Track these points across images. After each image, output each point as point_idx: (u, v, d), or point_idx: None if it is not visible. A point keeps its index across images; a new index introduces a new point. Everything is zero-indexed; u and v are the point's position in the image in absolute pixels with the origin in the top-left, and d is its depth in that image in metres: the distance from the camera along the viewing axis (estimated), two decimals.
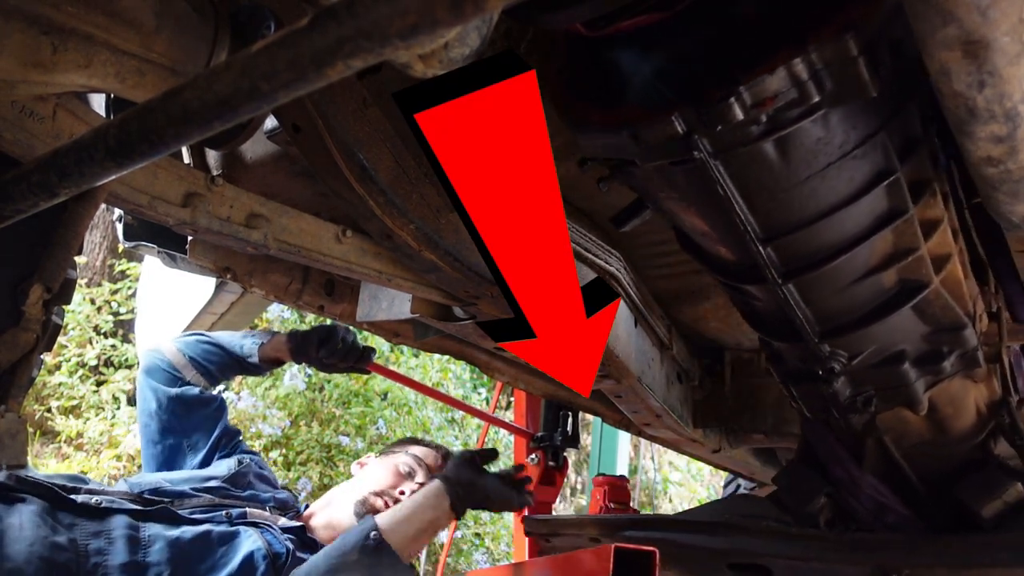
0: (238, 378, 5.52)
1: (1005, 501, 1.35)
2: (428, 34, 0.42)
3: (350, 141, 1.07)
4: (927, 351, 1.21)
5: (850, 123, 0.86)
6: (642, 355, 1.84)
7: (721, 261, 1.14)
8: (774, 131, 0.83)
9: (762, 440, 2.35)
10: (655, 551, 1.30)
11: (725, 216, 0.96)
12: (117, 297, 5.24)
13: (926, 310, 1.14)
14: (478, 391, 7.36)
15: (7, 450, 0.83)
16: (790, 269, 1.04)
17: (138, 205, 1.04)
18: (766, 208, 0.95)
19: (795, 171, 0.89)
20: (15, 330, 0.90)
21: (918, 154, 0.97)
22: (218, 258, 1.53)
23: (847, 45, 0.76)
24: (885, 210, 0.98)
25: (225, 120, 0.53)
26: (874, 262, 1.05)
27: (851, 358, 1.19)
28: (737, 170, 0.89)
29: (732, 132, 0.83)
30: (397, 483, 1.92)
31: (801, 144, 0.86)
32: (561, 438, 3.13)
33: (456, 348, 2.01)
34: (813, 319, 1.13)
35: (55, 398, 4.69)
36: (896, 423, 1.38)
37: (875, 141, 0.90)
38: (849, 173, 0.92)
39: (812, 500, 1.51)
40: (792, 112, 0.81)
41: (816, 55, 0.76)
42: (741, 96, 0.78)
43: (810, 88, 0.78)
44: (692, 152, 0.84)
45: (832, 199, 0.94)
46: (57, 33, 0.76)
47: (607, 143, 0.91)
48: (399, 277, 1.39)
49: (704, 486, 9.46)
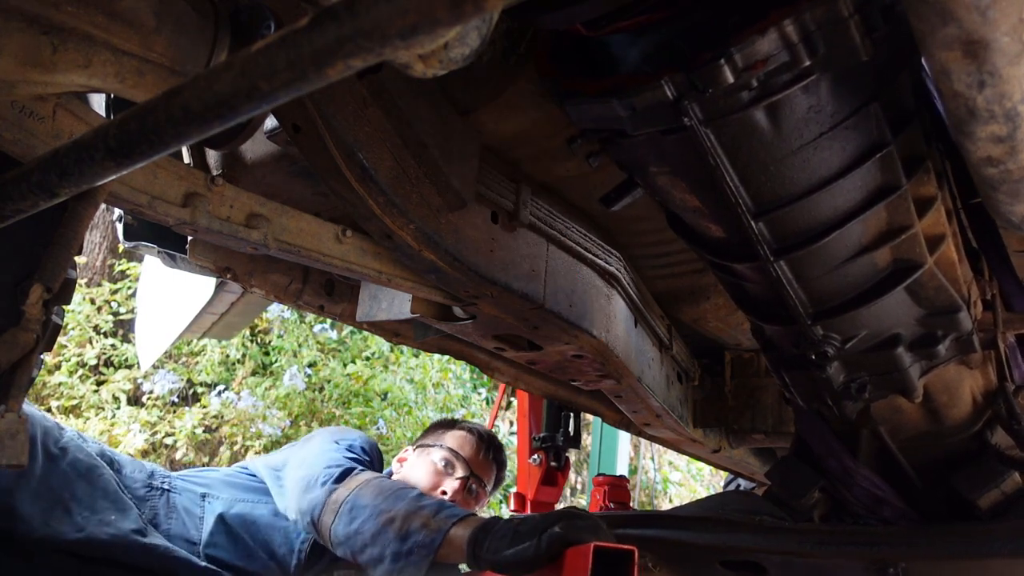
0: (238, 378, 5.54)
1: (1003, 491, 1.34)
2: (428, 34, 0.42)
3: (350, 141, 1.07)
4: (922, 334, 1.20)
5: (842, 91, 0.85)
6: (642, 355, 1.84)
7: (712, 239, 1.12)
8: (765, 96, 0.82)
9: (762, 440, 2.35)
10: (634, 550, 1.29)
11: (716, 189, 0.95)
12: (117, 297, 5.25)
13: (920, 292, 1.13)
14: (478, 391, 7.36)
15: (7, 450, 0.83)
16: (782, 246, 1.02)
17: (138, 205, 1.04)
18: (757, 180, 0.93)
19: (787, 141, 0.88)
20: (15, 330, 0.89)
21: (911, 128, 0.96)
22: (218, 258, 1.52)
23: (839, 5, 0.75)
24: (878, 184, 0.97)
25: (225, 120, 0.53)
26: (867, 239, 1.03)
27: (844, 342, 1.17)
28: (728, 139, 0.88)
29: (723, 98, 0.82)
30: (437, 482, 1.99)
31: (792, 112, 0.85)
32: (563, 439, 3.14)
33: (456, 348, 2.01)
34: (806, 299, 1.12)
35: (55, 398, 4.69)
36: (891, 413, 1.36)
37: (867, 111, 0.89)
38: (841, 144, 0.90)
39: (806, 493, 1.49)
40: (783, 76, 0.80)
41: (808, 15, 0.75)
42: (732, 58, 0.77)
43: (801, 51, 0.78)
44: (682, 118, 0.83)
45: (824, 172, 0.93)
46: (57, 33, 0.76)
47: (596, 113, 0.90)
48: (399, 277, 1.39)
49: (704, 486, 9.46)
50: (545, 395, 2.36)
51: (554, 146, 1.35)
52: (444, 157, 1.20)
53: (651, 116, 0.86)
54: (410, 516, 1.67)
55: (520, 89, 1.19)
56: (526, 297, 1.39)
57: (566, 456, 3.19)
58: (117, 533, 1.61)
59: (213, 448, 5.19)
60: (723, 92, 0.80)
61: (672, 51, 0.84)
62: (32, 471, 1.54)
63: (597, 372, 1.73)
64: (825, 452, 1.47)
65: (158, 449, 4.87)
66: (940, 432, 1.38)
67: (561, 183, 1.50)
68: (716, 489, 9.23)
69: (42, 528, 1.51)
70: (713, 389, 2.35)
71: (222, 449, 5.11)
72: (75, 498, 1.59)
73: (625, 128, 0.90)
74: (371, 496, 1.73)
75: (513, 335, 1.60)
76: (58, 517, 1.54)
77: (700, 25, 0.82)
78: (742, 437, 2.40)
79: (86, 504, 1.60)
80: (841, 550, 1.40)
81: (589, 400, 2.36)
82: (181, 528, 1.81)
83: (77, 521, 1.56)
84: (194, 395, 5.38)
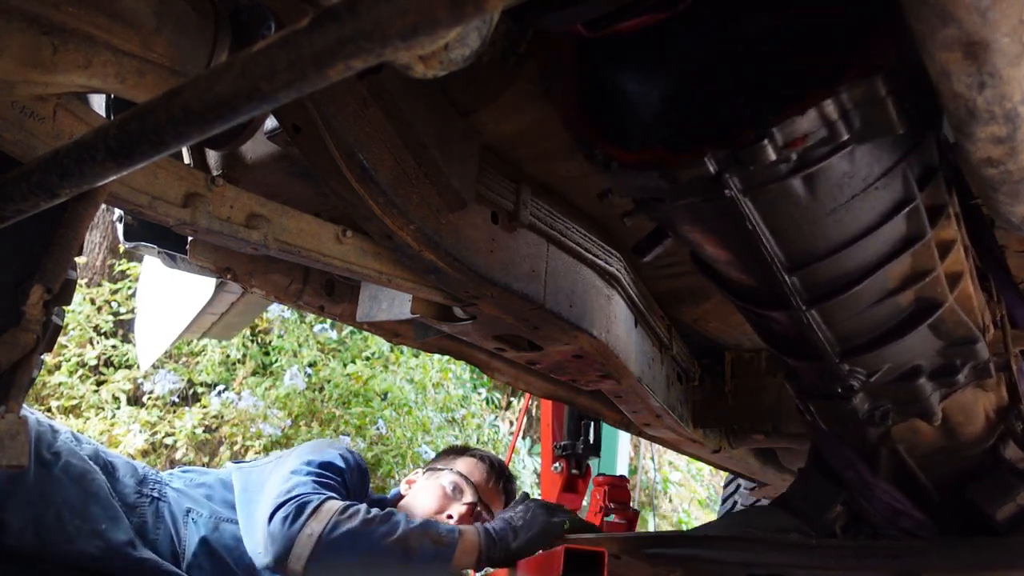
0: (239, 378, 5.54)
1: (1018, 504, 1.37)
2: (428, 34, 0.42)
3: (350, 141, 1.07)
4: (942, 365, 1.24)
5: (874, 156, 0.89)
6: (642, 355, 1.84)
7: (742, 287, 1.16)
8: (803, 168, 0.85)
9: (762, 440, 2.35)
10: (604, 551, 1.32)
11: (751, 247, 0.98)
12: (117, 297, 5.24)
13: (941, 327, 1.17)
14: (478, 391, 7.36)
15: (7, 451, 0.83)
16: (814, 296, 1.06)
17: (138, 205, 1.04)
18: (792, 239, 0.97)
19: (821, 204, 0.92)
20: (15, 330, 0.89)
21: (935, 180, 1.00)
22: (218, 258, 1.52)
23: (876, 86, 0.78)
24: (904, 235, 1.01)
25: (225, 120, 0.53)
26: (893, 284, 1.07)
27: (869, 375, 1.21)
28: (766, 205, 0.91)
29: (763, 170, 0.84)
30: (444, 506, 1.99)
31: (828, 179, 0.88)
32: (583, 446, 3.19)
33: (456, 348, 2.01)
34: (833, 339, 1.15)
35: (55, 398, 4.69)
36: (909, 433, 1.40)
37: (896, 171, 0.92)
38: (872, 203, 0.94)
39: (830, 508, 1.54)
40: (821, 150, 0.83)
41: (846, 96, 0.78)
42: (774, 137, 0.79)
43: (840, 127, 0.80)
44: (723, 191, 0.86)
45: (855, 228, 0.97)
46: (57, 33, 0.76)
47: (637, 183, 0.92)
48: (399, 277, 1.39)
49: (704, 486, 9.46)
50: (545, 395, 2.36)
51: (554, 146, 1.35)
52: (444, 157, 1.20)
53: (692, 188, 0.89)
54: (411, 535, 1.70)
55: (520, 89, 1.19)
56: (526, 297, 1.39)
57: (587, 463, 3.25)
58: (107, 546, 1.59)
59: (213, 448, 5.19)
60: (763, 166, 0.83)
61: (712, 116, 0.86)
62: (24, 480, 1.52)
63: (597, 372, 1.73)
64: (843, 465, 1.51)
65: (158, 449, 4.87)
66: (955, 447, 1.42)
67: (561, 183, 1.50)
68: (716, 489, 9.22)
69: (32, 540, 1.50)
70: (713, 389, 2.35)
71: (222, 449, 5.11)
72: (67, 504, 1.57)
73: (664, 197, 0.93)
74: (359, 523, 1.70)
75: (513, 335, 1.60)
76: (49, 526, 1.53)
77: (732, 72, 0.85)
78: (742, 437, 2.40)
79: (78, 511, 1.59)
80: (864, 563, 1.43)
81: (589, 400, 2.35)
82: (167, 542, 1.78)
83: (68, 530, 1.54)
84: (194, 395, 5.38)
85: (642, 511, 7.32)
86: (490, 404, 7.56)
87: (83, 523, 1.58)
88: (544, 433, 3.50)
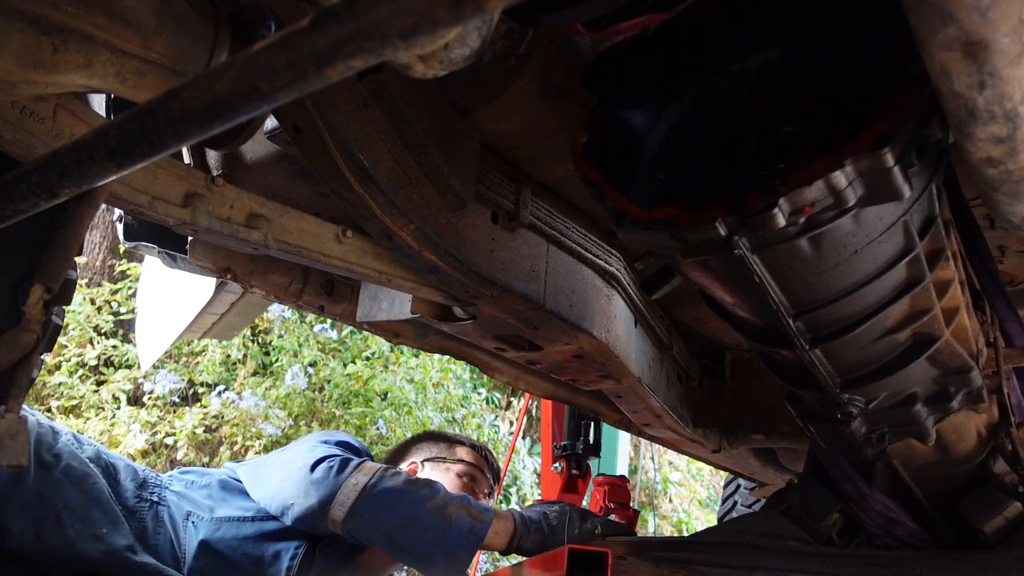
0: (239, 378, 5.54)
1: (1005, 517, 1.43)
2: (428, 34, 0.42)
3: (350, 141, 1.07)
4: (937, 392, 1.29)
5: (878, 215, 0.91)
6: (642, 355, 1.84)
7: (750, 327, 1.21)
8: (810, 230, 0.88)
9: (762, 440, 2.35)
10: (608, 551, 1.33)
11: (757, 295, 1.01)
12: (117, 297, 5.25)
13: (937, 358, 1.22)
14: (478, 391, 7.36)
15: (7, 451, 0.83)
16: (817, 336, 1.10)
17: (138, 205, 1.04)
18: (797, 289, 1.01)
19: (826, 259, 0.95)
20: (15, 331, 0.89)
21: (935, 227, 1.03)
22: (218, 258, 1.53)
23: (883, 158, 0.79)
24: (904, 281, 1.04)
25: (225, 120, 0.53)
26: (892, 324, 1.11)
27: (867, 403, 1.26)
28: (773, 262, 0.95)
29: (771, 234, 0.88)
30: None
31: (833, 238, 0.92)
32: (583, 447, 3.20)
33: (456, 348, 2.01)
34: (834, 372, 1.20)
35: (55, 398, 4.69)
36: (904, 449, 1.47)
37: (898, 225, 0.94)
38: (874, 254, 0.97)
39: (827, 515, 1.60)
40: (828, 214, 0.86)
41: (852, 167, 0.80)
42: (782, 206, 0.82)
43: (847, 195, 0.82)
44: (733, 251, 0.89)
45: (858, 278, 1.00)
46: (57, 33, 0.76)
47: (649, 240, 0.95)
48: (399, 277, 1.39)
49: (704, 486, 9.46)
50: (545, 395, 2.37)
51: (554, 146, 1.35)
52: (444, 157, 1.20)
53: (702, 247, 0.92)
54: (451, 504, 1.74)
55: (520, 89, 1.19)
56: (526, 297, 1.39)
57: (587, 464, 3.25)
58: (108, 550, 1.59)
59: (213, 448, 5.19)
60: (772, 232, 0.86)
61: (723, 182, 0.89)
62: (24, 483, 1.53)
63: (597, 372, 1.73)
64: (841, 476, 1.58)
65: (158, 449, 4.87)
66: (948, 462, 1.49)
67: (561, 183, 1.50)
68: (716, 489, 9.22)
69: (33, 543, 1.50)
70: (713, 389, 2.35)
71: (222, 449, 5.11)
72: (67, 507, 1.57)
73: (675, 254, 0.96)
74: (402, 482, 1.77)
75: (513, 335, 1.60)
76: (49, 529, 1.53)
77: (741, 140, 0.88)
78: (742, 437, 2.40)
79: (78, 515, 1.59)
80: (861, 571, 1.47)
81: (589, 400, 2.36)
82: (167, 547, 1.79)
83: (68, 534, 1.55)
84: (194, 395, 5.38)
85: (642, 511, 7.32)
86: (490, 404, 7.57)
87: (84, 527, 1.58)
88: (544, 433, 3.51)
